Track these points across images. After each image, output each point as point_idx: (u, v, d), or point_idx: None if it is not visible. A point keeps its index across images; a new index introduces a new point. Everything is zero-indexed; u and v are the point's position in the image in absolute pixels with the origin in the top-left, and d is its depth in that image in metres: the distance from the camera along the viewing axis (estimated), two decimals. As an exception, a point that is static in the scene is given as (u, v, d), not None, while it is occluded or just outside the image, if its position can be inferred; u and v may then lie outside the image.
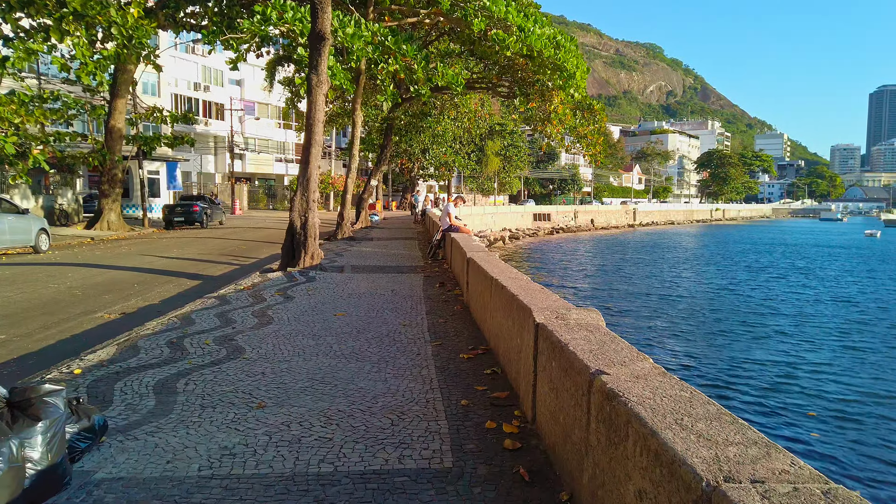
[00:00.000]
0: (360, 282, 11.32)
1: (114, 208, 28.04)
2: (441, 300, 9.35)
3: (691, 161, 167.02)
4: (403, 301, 9.26)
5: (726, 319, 19.56)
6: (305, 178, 12.73)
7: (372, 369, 5.53)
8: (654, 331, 17.44)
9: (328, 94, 12.45)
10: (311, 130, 12.66)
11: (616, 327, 17.52)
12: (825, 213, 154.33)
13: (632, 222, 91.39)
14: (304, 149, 12.82)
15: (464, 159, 59.31)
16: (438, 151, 50.61)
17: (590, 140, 25.67)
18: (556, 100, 24.01)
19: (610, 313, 19.97)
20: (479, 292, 7.31)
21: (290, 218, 12.80)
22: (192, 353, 6.08)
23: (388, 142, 29.70)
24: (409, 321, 7.76)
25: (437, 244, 15.65)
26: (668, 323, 18.75)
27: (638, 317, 19.67)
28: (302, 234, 12.74)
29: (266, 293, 9.87)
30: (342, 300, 9.28)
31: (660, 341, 16.13)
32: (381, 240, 22.64)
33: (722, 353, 15.08)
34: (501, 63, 25.21)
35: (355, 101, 22.19)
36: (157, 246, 21.28)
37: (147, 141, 29.22)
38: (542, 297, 4.94)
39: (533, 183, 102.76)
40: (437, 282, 11.47)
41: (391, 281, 11.53)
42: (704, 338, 16.84)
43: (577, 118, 25.39)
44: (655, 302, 22.59)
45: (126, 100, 27.93)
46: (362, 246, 19.53)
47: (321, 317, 7.99)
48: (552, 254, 42.49)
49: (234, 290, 10.29)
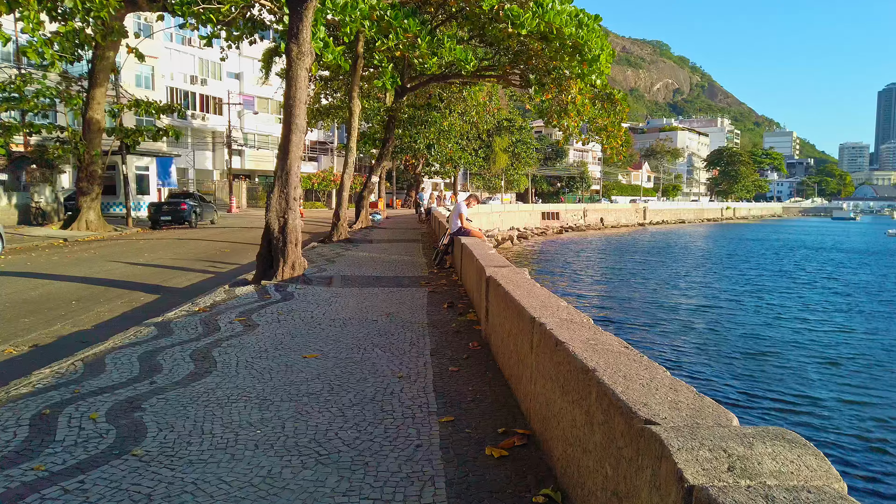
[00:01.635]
0: (349, 300, 9.06)
1: (93, 207, 25.84)
2: (451, 331, 7.08)
3: (701, 159, 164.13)
4: (401, 332, 6.99)
5: (768, 339, 17.24)
6: (284, 171, 10.47)
7: (338, 484, 3.27)
8: (693, 355, 15.14)
9: (312, 68, 10.18)
10: (291, 113, 10.40)
11: (648, 349, 15.26)
12: (837, 212, 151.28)
13: (642, 221, 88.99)
14: (283, 136, 10.56)
15: (471, 156, 56.94)
16: (444, 147, 48.26)
17: (610, 132, 23.33)
18: (575, 89, 21.70)
19: (637, 329, 17.68)
20: (509, 333, 5.05)
21: (266, 220, 10.55)
22: (59, 442, 3.82)
23: (391, 135, 27.43)
24: (406, 369, 5.49)
25: (445, 249, 13.39)
26: (707, 344, 16.44)
27: (671, 336, 17.37)
28: (280, 240, 10.49)
29: (223, 319, 7.62)
30: (320, 331, 7.02)
31: (705, 372, 13.85)
32: (381, 242, 20.39)
33: (782, 387, 12.79)
34: (514, 48, 22.91)
35: (352, 87, 19.91)
36: (132, 249, 19.06)
37: (129, 134, 27.01)
38: (646, 376, 2.67)
39: (540, 181, 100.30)
40: (445, 299, 9.20)
41: (388, 298, 9.27)
42: (753, 365, 14.53)
43: (597, 108, 23.08)
44: (686, 316, 20.28)
45: (105, 89, 25.72)
46: (359, 250, 17.28)
47: (284, 361, 5.74)
48: (563, 255, 40.16)
49: (185, 312, 8.05)
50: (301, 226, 10.80)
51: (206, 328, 7.09)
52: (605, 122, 23.03)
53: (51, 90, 25.23)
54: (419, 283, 11.07)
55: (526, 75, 22.66)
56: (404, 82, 26.79)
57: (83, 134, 25.51)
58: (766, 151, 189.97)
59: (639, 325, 18.00)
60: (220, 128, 56.62)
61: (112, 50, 25.08)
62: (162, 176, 41.42)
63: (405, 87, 26.90)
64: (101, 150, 26.59)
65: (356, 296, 9.45)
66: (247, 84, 60.62)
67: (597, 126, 23.15)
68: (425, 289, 10.31)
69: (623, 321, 18.52)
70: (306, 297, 9.20)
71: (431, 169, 59.63)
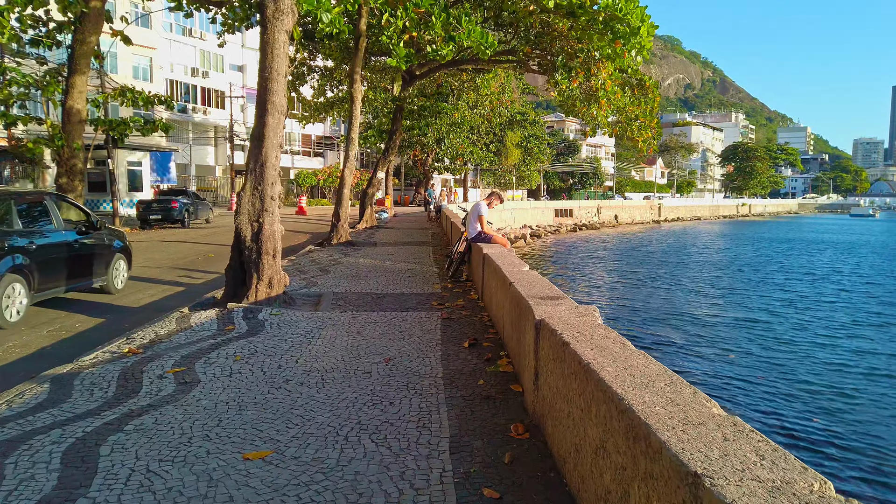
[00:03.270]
0: (338, 333, 6.81)
1: (74, 205, 23.68)
2: (478, 396, 4.80)
3: (715, 154, 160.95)
4: (405, 397, 4.73)
5: (826, 364, 14.88)
6: (259, 163, 8.23)
7: None
8: (753, 390, 12.80)
9: (295, 31, 7.93)
10: (267, 89, 8.15)
11: (691, 376, 12.96)
12: (856, 209, 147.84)
13: (657, 218, 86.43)
14: (257, 118, 8.31)
15: (482, 150, 54.56)
16: (455, 141, 45.94)
17: (642, 123, 20.97)
18: (604, 73, 19.35)
19: (678, 352, 15.37)
20: (588, 435, 2.77)
21: (236, 225, 8.31)
22: None
23: (398, 126, 25.17)
24: (412, 491, 3.24)
25: (461, 258, 11.11)
26: (760, 371, 14.10)
27: (713, 360, 15.03)
28: (254, 250, 8.24)
29: (154, 369, 5.38)
30: (284, 396, 4.76)
31: (757, 400, 11.52)
32: (386, 245, 18.15)
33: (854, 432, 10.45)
34: (535, 28, 20.60)
35: (353, 69, 17.63)
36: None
37: (114, 125, 24.82)
38: None
39: (552, 177, 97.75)
40: (464, 331, 6.95)
41: (389, 329, 7.02)
42: (815, 400, 12.19)
43: (628, 96, 20.73)
44: (726, 333, 17.92)
45: (87, 76, 23.48)
46: (360, 255, 15.04)
47: (209, 467, 3.49)
48: (579, 255, 37.79)
49: (110, 355, 5.83)
50: (282, 231, 8.56)
51: (120, 389, 4.85)
52: (636, 112, 20.68)
53: (27, 77, 23.11)
54: (430, 303, 8.81)
55: (548, 59, 20.29)
56: (413, 69, 24.54)
57: (62, 125, 23.35)
58: (782, 147, 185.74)
59: (676, 345, 15.69)
60: (222, 122, 54.49)
61: (93, 34, 22.87)
62: (161, 172, 39.34)
63: (414, 74, 24.65)
64: (84, 144, 24.43)
65: (347, 326, 7.19)
66: (250, 76, 58.40)
67: (627, 116, 20.79)
68: (437, 312, 8.04)
69: (658, 339, 16.21)
70: (280, 328, 6.95)
71: (441, 165, 57.29)
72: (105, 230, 10.86)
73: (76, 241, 9.82)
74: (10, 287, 8.12)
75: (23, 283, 8.38)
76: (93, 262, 10.19)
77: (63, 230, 9.62)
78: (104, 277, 10.57)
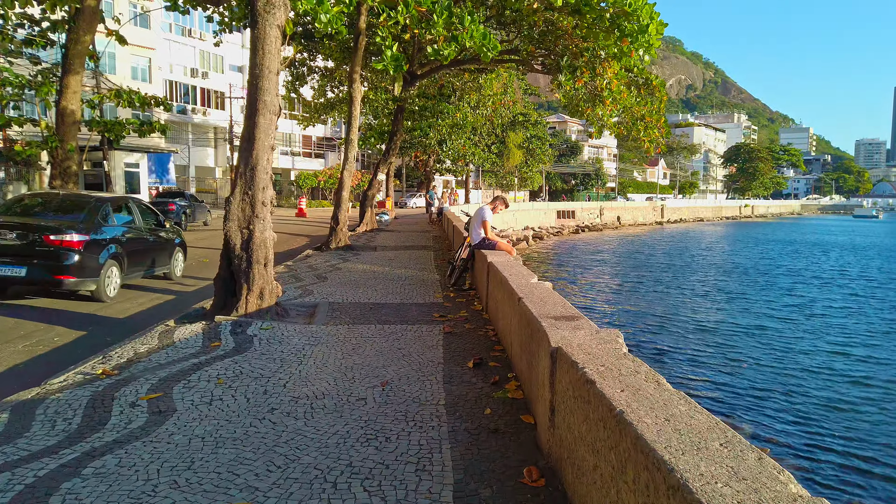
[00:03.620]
0: (331, 350, 6.31)
1: (68, 207, 23.19)
2: (485, 428, 4.28)
3: (718, 155, 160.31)
4: (403, 430, 4.21)
5: (847, 379, 14.37)
6: (249, 166, 7.73)
7: None
8: (768, 408, 12.29)
9: (288, 26, 7.41)
10: (258, 87, 7.65)
11: (703, 387, 12.46)
12: (859, 210, 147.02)
13: (660, 219, 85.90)
14: (247, 118, 7.81)
15: (483, 152, 54.00)
16: (457, 143, 45.37)
17: (648, 122, 20.44)
18: (610, 73, 18.84)
19: (685, 362, 14.87)
20: (615, 480, 2.27)
21: (225, 232, 7.81)
22: None
23: (399, 127, 24.67)
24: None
25: (464, 265, 10.60)
26: (779, 386, 13.59)
27: (724, 374, 14.52)
28: (244, 259, 7.74)
29: (127, 395, 4.88)
30: (268, 429, 4.25)
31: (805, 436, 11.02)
32: (386, 249, 17.66)
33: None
34: (539, 27, 20.10)
35: (353, 69, 17.14)
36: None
37: (109, 126, 24.33)
38: None
39: (554, 178, 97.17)
40: (468, 348, 6.45)
41: (387, 346, 6.51)
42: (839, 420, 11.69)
43: (633, 96, 20.21)
44: (737, 342, 17.42)
45: (81, 76, 22.95)
46: (359, 260, 14.54)
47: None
48: (581, 257, 37.29)
49: (82, 377, 5.34)
50: (274, 238, 8.05)
51: (86, 420, 4.35)
52: (642, 111, 20.15)
53: (20, 78, 22.65)
54: (431, 314, 8.30)
55: (552, 60, 19.77)
56: (414, 69, 24.05)
57: (56, 127, 22.88)
58: (785, 148, 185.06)
59: (685, 353, 15.18)
60: (222, 123, 54.04)
61: (88, 33, 22.39)
62: (160, 173, 38.90)
63: (415, 74, 24.15)
64: (79, 145, 23.97)
65: (342, 342, 6.69)
66: (250, 77, 57.92)
67: (633, 116, 20.27)
68: (440, 325, 7.54)
69: (667, 348, 15.71)
70: (270, 345, 6.45)
71: (443, 166, 56.77)
72: (169, 228, 13.30)
73: (150, 236, 12.36)
74: (110, 270, 10.61)
75: (118, 267, 10.85)
76: (161, 253, 12.68)
77: (142, 227, 12.15)
78: (168, 266, 12.91)
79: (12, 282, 9.95)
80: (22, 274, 9.75)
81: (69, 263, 9.81)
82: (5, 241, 9.86)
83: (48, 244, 9.84)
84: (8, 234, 9.93)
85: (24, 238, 9.90)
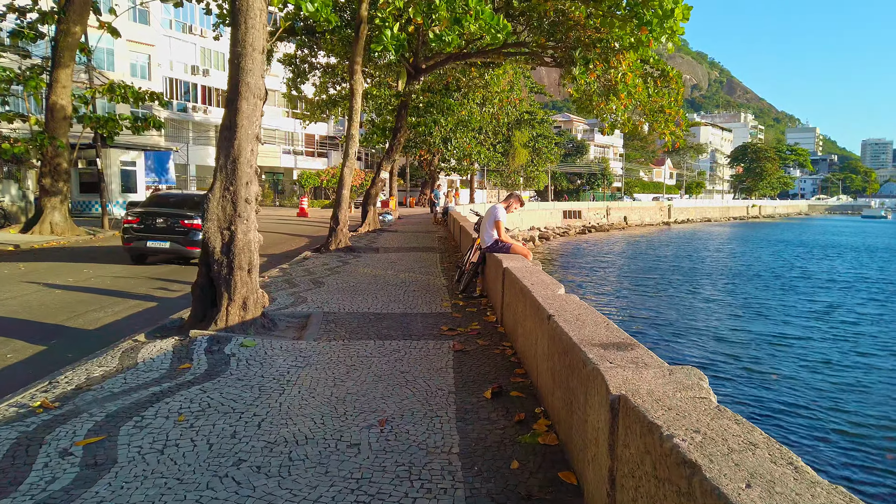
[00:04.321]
0: (321, 375, 5.31)
1: (58, 207, 22.27)
2: (514, 494, 3.26)
3: (724, 155, 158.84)
4: (405, 497, 3.21)
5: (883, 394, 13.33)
6: (230, 158, 6.75)
7: None
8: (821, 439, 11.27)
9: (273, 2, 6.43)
10: (240, 67, 6.67)
11: (739, 403, 11.46)
12: (867, 211, 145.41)
13: (667, 220, 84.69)
14: (229, 102, 6.82)
15: (489, 150, 52.95)
16: (462, 141, 44.38)
17: (668, 115, 19.43)
18: (624, 65, 17.83)
19: (706, 371, 13.86)
20: None
21: (203, 233, 6.82)
22: None
23: (402, 124, 23.66)
24: None
25: (474, 271, 9.58)
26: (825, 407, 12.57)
27: (756, 379, 13.50)
28: (224, 264, 6.76)
29: (63, 433, 3.88)
30: (229, 490, 3.25)
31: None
32: (389, 251, 16.66)
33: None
34: (550, 17, 19.09)
35: (354, 59, 16.13)
36: (80, 260, 15.41)
37: (102, 122, 23.42)
38: None
39: (560, 178, 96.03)
40: (483, 370, 5.44)
41: (386, 372, 5.51)
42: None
43: (649, 88, 19.20)
44: (761, 349, 16.38)
45: (72, 70, 22.11)
46: (360, 263, 13.55)
47: None
48: (589, 259, 36.24)
49: (17, 410, 4.36)
50: (260, 240, 7.07)
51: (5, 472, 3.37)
52: (661, 103, 19.13)
53: (8, 71, 21.76)
54: (439, 326, 7.30)
55: (563, 52, 18.74)
56: (419, 63, 23.06)
57: (46, 122, 21.99)
58: (792, 147, 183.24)
59: (710, 366, 14.18)
60: (222, 121, 53.07)
61: (78, 24, 21.51)
62: (159, 172, 37.95)
63: (419, 68, 23.15)
64: (70, 142, 23.07)
65: (335, 363, 5.69)
66: (252, 75, 56.93)
67: (651, 108, 19.24)
68: (449, 341, 6.54)
69: (688, 358, 14.70)
70: (249, 367, 5.46)
71: (448, 165, 55.73)
72: None
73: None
74: None
75: None
76: None
77: None
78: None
79: (160, 251, 14.23)
80: (166, 246, 14.04)
81: (196, 239, 13.58)
82: (156, 225, 14.07)
83: (183, 226, 14.02)
84: (158, 220, 14.06)
85: (167, 223, 14.06)
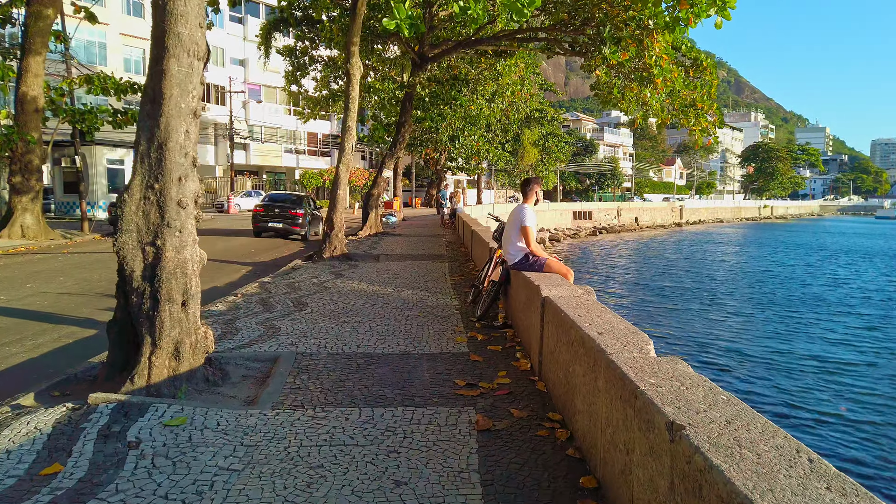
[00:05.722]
0: (269, 483, 3.28)
1: (30, 208, 20.32)
2: None
3: (735, 155, 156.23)
4: None
5: None
6: (154, 142, 4.73)
7: None
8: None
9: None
10: (167, 11, 4.63)
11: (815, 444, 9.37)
12: (881, 211, 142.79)
13: (678, 221, 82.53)
14: (151, 62, 4.79)
15: (497, 149, 50.82)
16: (470, 139, 42.24)
17: (700, 109, 17.34)
18: (657, 47, 15.72)
19: (762, 402, 11.79)
20: None
21: (117, 251, 4.79)
22: None
23: (407, 117, 21.64)
24: None
25: (495, 293, 7.50)
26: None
27: (822, 414, 11.43)
28: (146, 294, 4.72)
29: None
30: None
31: None
32: (391, 260, 14.62)
33: None
34: (572, -4, 17.01)
35: (350, 39, 14.08)
36: (36, 269, 13.40)
37: (78, 116, 21.46)
38: None
39: (569, 178, 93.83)
40: (528, 480, 3.40)
41: (372, 485, 3.48)
42: None
43: (682, 78, 17.10)
44: (813, 374, 14.30)
45: (44, 58, 20.14)
46: (356, 276, 11.51)
47: None
48: (603, 262, 34.15)
49: None
50: (203, 260, 5.06)
51: None
52: (692, 96, 17.05)
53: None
54: (453, 380, 5.24)
55: (591, 31, 16.63)
56: (424, 51, 21.04)
57: (15, 115, 20.03)
58: (803, 147, 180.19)
59: (761, 395, 12.11)
60: (222, 118, 51.18)
61: (50, 6, 19.54)
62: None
63: (425, 56, 21.13)
64: (44, 138, 21.12)
65: (295, 459, 3.64)
66: (252, 71, 55.11)
67: (682, 102, 17.17)
68: (469, 411, 4.48)
69: (734, 384, 12.65)
70: (159, 468, 3.42)
71: (455, 164, 53.61)
72: (317, 207, 25.57)
73: (314, 213, 23.93)
74: (309, 226, 22.95)
75: (311, 225, 23.24)
76: (316, 222, 23.67)
77: (313, 209, 24.19)
78: (316, 230, 23.26)
79: (274, 229, 22.13)
80: (280, 226, 22.02)
81: (298, 223, 22.09)
82: (274, 213, 22.06)
83: (291, 214, 22.02)
84: (276, 209, 22.12)
85: (281, 211, 22.11)
